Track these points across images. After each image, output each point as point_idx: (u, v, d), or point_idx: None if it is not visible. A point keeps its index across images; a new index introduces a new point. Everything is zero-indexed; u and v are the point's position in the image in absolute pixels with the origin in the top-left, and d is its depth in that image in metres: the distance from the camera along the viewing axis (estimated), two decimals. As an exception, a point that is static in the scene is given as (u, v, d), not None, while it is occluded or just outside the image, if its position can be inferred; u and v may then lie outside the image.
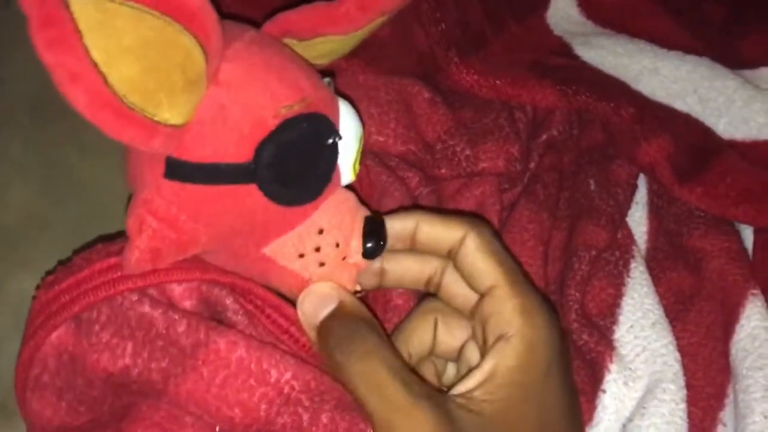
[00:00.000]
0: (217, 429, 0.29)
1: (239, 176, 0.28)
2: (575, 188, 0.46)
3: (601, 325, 0.41)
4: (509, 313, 0.31)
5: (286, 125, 0.28)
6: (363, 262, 0.32)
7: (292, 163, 0.29)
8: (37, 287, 0.31)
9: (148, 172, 0.28)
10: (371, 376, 0.29)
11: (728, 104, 0.45)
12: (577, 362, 0.40)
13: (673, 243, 0.45)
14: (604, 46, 0.48)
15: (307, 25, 0.31)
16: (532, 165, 0.47)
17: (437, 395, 0.30)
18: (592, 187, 0.46)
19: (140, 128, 0.26)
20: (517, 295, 0.31)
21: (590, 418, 0.38)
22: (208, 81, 0.27)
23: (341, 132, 0.30)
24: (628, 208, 0.46)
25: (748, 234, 0.44)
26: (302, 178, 0.29)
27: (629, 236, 0.45)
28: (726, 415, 0.38)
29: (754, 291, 0.41)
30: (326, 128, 0.29)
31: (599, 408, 0.38)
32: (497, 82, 0.44)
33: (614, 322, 0.41)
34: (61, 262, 0.31)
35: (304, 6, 0.31)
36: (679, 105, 0.46)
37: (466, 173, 0.45)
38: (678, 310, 0.42)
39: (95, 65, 0.24)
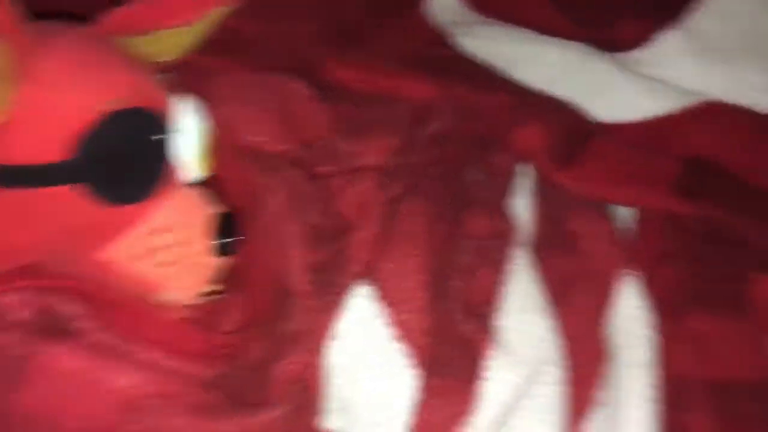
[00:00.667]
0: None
1: (61, 176, 0.27)
2: (459, 180, 0.46)
3: (483, 314, 0.41)
4: None
5: (107, 121, 0.27)
6: (214, 260, 0.31)
7: (115, 160, 0.28)
8: None
9: None
10: None
11: (604, 88, 0.46)
12: (455, 351, 0.39)
13: (555, 228, 0.45)
14: (484, 36, 0.49)
15: (143, 18, 0.30)
16: (416, 159, 0.47)
17: None
18: (473, 177, 0.46)
19: None
20: None
21: (471, 407, 0.38)
22: (22, 79, 0.26)
23: (179, 128, 0.30)
24: (509, 195, 0.46)
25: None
26: (128, 176, 0.29)
27: (511, 224, 0.45)
28: (604, 394, 0.38)
29: (628, 271, 0.41)
30: (151, 124, 0.29)
31: (482, 395, 0.38)
32: (373, 76, 0.44)
33: (496, 309, 0.42)
34: None
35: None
36: (558, 90, 0.47)
37: (348, 169, 0.44)
38: (560, 293, 0.43)
39: None
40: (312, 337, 0.37)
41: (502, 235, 0.44)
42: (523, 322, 0.41)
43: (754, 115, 0.44)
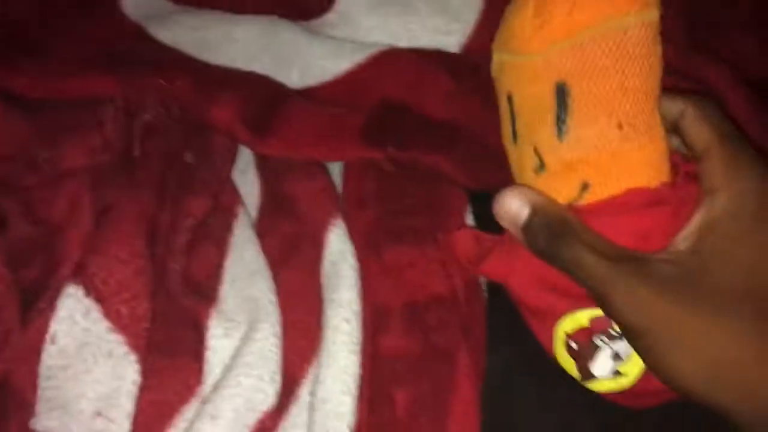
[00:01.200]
0: None
1: None
2: (172, 164, 0.47)
3: (205, 288, 0.43)
4: (716, 169, 0.34)
5: None
6: None
7: None
8: None
9: None
10: (579, 260, 0.33)
11: (296, 55, 0.48)
12: (179, 329, 0.41)
13: (277, 196, 0.47)
14: (180, 23, 0.50)
15: None
16: (135, 153, 0.47)
17: (640, 257, 0.33)
18: (189, 160, 0.47)
19: None
20: (725, 153, 0.34)
21: (199, 379, 0.40)
22: None
23: None
24: (228, 171, 0.48)
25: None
26: None
27: (233, 199, 0.47)
28: (323, 336, 0.41)
29: (334, 221, 0.43)
30: None
31: (205, 364, 0.40)
32: (50, 81, 0.44)
33: (219, 281, 0.43)
34: None
35: None
36: (257, 66, 0.49)
37: (52, 176, 0.44)
38: (282, 258, 0.45)
39: None
40: (10, 344, 0.37)
41: (223, 211, 0.46)
42: (242, 288, 0.42)
43: (427, 54, 0.48)
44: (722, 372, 0.32)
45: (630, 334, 0.33)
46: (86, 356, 0.39)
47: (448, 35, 0.50)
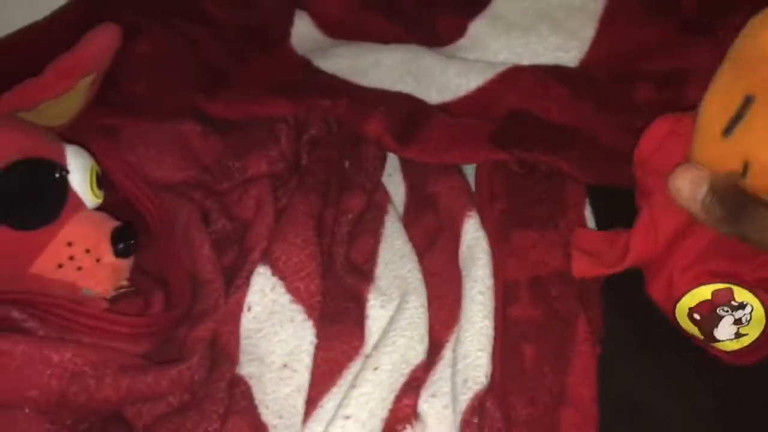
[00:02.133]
0: (26, 410, 0.38)
1: None
2: (334, 171, 0.57)
3: (364, 269, 0.52)
4: None
5: (13, 166, 0.39)
6: (117, 260, 0.42)
7: (23, 196, 0.39)
8: None
9: None
10: (762, 219, 0.37)
11: (432, 76, 0.57)
12: (343, 302, 0.50)
13: (420, 194, 0.56)
14: (337, 54, 0.60)
15: (24, 97, 0.42)
16: (303, 162, 0.58)
17: None
18: (347, 166, 0.57)
19: None
20: None
21: (362, 341, 0.49)
22: None
23: (71, 168, 0.41)
24: (380, 175, 0.57)
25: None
26: (36, 206, 0.40)
27: (384, 198, 0.56)
28: (461, 311, 0.49)
29: (469, 213, 0.52)
30: (49, 166, 0.40)
31: (366, 329, 0.49)
32: (238, 105, 0.55)
33: (374, 264, 0.52)
34: None
35: (20, 84, 0.42)
36: (401, 87, 0.58)
37: (241, 182, 0.56)
38: (426, 245, 0.53)
39: None
40: (219, 311, 0.47)
41: (376, 208, 0.55)
42: (394, 269, 0.51)
43: (547, 69, 0.55)
44: None
45: None
46: (274, 321, 0.49)
47: (567, 52, 0.57)
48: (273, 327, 0.49)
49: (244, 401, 0.44)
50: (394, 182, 0.58)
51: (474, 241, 0.50)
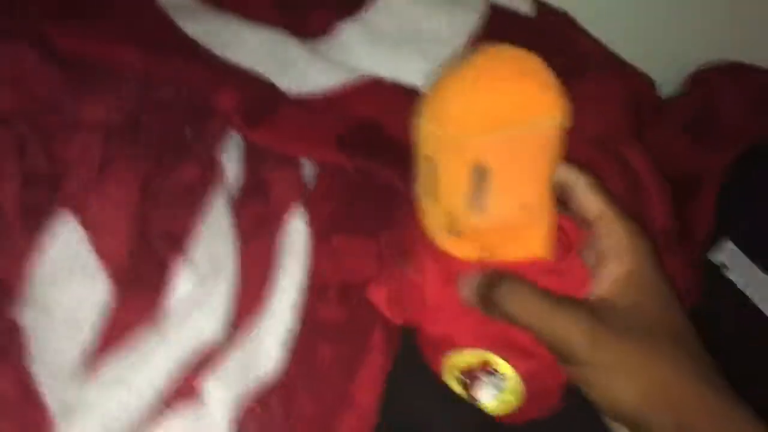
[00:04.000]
0: None
1: None
2: (173, 135, 0.55)
3: (179, 240, 0.50)
4: (616, 233, 0.41)
5: None
6: None
7: None
8: None
9: None
10: (526, 307, 0.39)
11: (293, 66, 0.57)
12: (149, 269, 0.48)
13: (254, 179, 0.55)
14: (203, 20, 0.58)
15: None
16: (142, 119, 0.55)
17: (577, 301, 0.40)
18: (187, 134, 0.55)
19: None
20: (621, 219, 0.42)
21: (159, 311, 0.47)
22: None
23: None
24: (219, 151, 0.56)
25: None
26: None
27: (218, 175, 0.55)
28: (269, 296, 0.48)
29: (297, 207, 0.52)
30: None
31: (165, 300, 0.47)
32: (88, 43, 0.52)
33: (190, 237, 0.51)
34: None
35: None
36: (260, 69, 0.57)
37: (72, 123, 0.52)
38: (249, 230, 0.53)
39: None
40: (7, 246, 0.44)
41: (207, 182, 0.54)
42: (209, 247, 0.50)
43: (404, 89, 0.57)
44: (662, 395, 0.38)
45: (577, 366, 0.39)
46: (69, 272, 0.46)
47: (427, 78, 0.59)
48: (66, 278, 0.46)
49: (13, 348, 0.41)
50: (232, 161, 0.57)
51: (296, 235, 0.50)
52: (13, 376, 0.40)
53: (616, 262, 0.41)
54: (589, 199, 0.42)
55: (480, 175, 0.40)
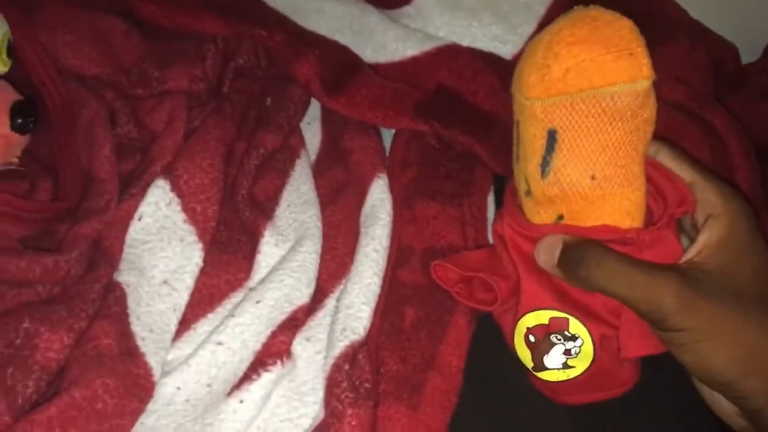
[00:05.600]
0: None
1: None
2: (255, 103, 0.56)
3: (265, 206, 0.52)
4: (710, 197, 0.40)
5: None
6: (12, 134, 0.40)
7: None
8: None
9: None
10: (614, 275, 0.38)
11: (371, 35, 0.57)
12: (238, 234, 0.50)
13: (334, 147, 0.56)
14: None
15: None
16: (225, 89, 0.57)
17: (666, 266, 0.39)
18: (268, 103, 0.57)
19: None
20: (713, 183, 0.41)
21: (248, 274, 0.49)
22: None
23: None
24: (299, 119, 0.57)
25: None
26: None
27: (299, 142, 0.56)
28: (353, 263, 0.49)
29: (379, 174, 0.52)
30: None
31: (255, 264, 0.49)
32: (171, 12, 0.53)
33: (276, 203, 0.52)
34: None
35: None
36: (339, 38, 0.57)
37: (158, 92, 0.54)
38: (331, 197, 0.54)
39: None
40: (107, 213, 0.46)
41: (289, 150, 0.55)
42: (294, 212, 0.51)
43: (483, 54, 0.57)
44: (751, 359, 0.38)
45: (667, 331, 0.39)
46: (163, 237, 0.48)
47: (504, 44, 0.59)
48: (161, 242, 0.47)
49: (116, 307, 0.43)
50: (312, 130, 0.58)
51: (379, 201, 0.51)
52: (116, 334, 0.41)
53: (710, 228, 0.40)
54: (675, 169, 0.42)
55: (551, 141, 0.40)
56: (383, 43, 0.57)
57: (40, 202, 0.44)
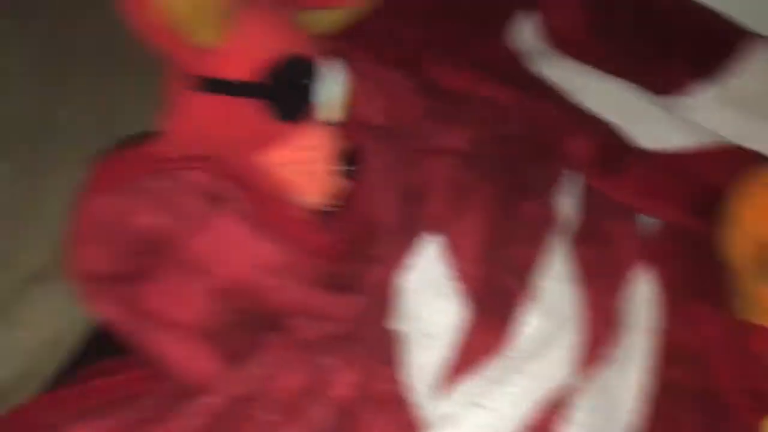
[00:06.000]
0: (220, 284, 0.38)
1: (248, 91, 0.39)
2: (517, 170, 0.57)
3: (524, 275, 0.52)
4: None
5: (288, 61, 0.39)
6: (338, 180, 0.43)
7: (286, 90, 0.40)
8: (94, 161, 0.41)
9: (180, 83, 0.39)
10: None
11: (642, 120, 0.57)
12: (498, 298, 0.50)
13: (592, 224, 0.56)
14: (554, 65, 0.59)
15: None
16: (487, 150, 0.58)
17: None
18: (530, 174, 0.57)
19: (182, 46, 0.37)
20: None
21: (507, 340, 0.49)
22: (235, 19, 0.38)
23: (327, 81, 0.42)
24: (557, 192, 0.56)
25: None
26: (291, 103, 0.40)
27: (557, 214, 0.56)
28: (613, 351, 0.48)
29: (642, 264, 0.51)
30: (309, 71, 0.41)
31: (514, 332, 0.49)
32: (467, 78, 0.55)
33: (535, 274, 0.52)
34: (117, 145, 0.42)
35: None
36: (609, 116, 0.57)
37: (433, 149, 0.56)
38: (587, 272, 0.53)
39: None
40: (390, 261, 0.47)
41: (548, 221, 0.55)
42: (555, 287, 0.51)
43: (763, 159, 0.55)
44: None
45: None
46: (431, 289, 0.49)
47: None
48: (429, 294, 0.48)
49: (393, 353, 0.44)
50: (569, 203, 0.58)
51: (643, 291, 0.50)
52: (393, 380, 0.43)
53: None
54: None
55: None
56: (656, 131, 0.56)
57: (335, 239, 0.46)
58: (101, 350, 0.44)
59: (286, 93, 0.40)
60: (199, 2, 0.37)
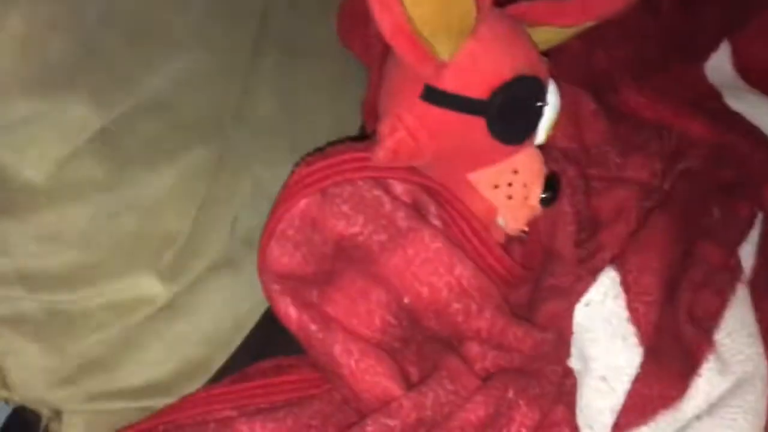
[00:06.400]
0: (406, 300, 0.37)
1: (475, 109, 0.37)
2: (701, 212, 0.53)
3: (705, 326, 0.48)
4: None
5: (518, 80, 0.37)
6: (538, 207, 0.40)
7: (513, 110, 0.38)
8: (296, 165, 0.40)
9: (408, 92, 0.38)
10: None
11: None
12: (676, 348, 0.47)
13: (769, 273, 0.52)
14: (750, 102, 0.56)
15: (539, 13, 0.40)
16: (666, 186, 0.54)
17: None
18: (716, 215, 0.53)
19: (421, 55, 0.35)
20: None
21: (682, 393, 0.45)
22: (470, 34, 0.37)
23: (547, 100, 0.39)
24: (743, 240, 0.53)
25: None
26: (516, 124, 0.38)
27: (739, 263, 0.52)
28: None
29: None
30: (541, 91, 0.38)
31: (692, 388, 0.45)
32: (659, 107, 0.52)
33: (716, 326, 0.48)
34: (318, 150, 0.41)
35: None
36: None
37: (613, 177, 0.53)
38: (768, 330, 0.49)
39: (402, 2, 0.34)
40: (568, 295, 0.45)
41: (730, 270, 0.51)
42: (737, 341, 0.47)
43: None
44: None
45: None
46: (606, 329, 0.46)
47: None
48: (603, 335, 0.45)
49: (569, 395, 0.42)
50: (744, 252, 0.54)
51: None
52: (568, 423, 0.40)
53: None
54: None
55: None
56: None
57: (516, 266, 0.44)
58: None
59: (513, 113, 0.38)
60: (447, 18, 0.35)
